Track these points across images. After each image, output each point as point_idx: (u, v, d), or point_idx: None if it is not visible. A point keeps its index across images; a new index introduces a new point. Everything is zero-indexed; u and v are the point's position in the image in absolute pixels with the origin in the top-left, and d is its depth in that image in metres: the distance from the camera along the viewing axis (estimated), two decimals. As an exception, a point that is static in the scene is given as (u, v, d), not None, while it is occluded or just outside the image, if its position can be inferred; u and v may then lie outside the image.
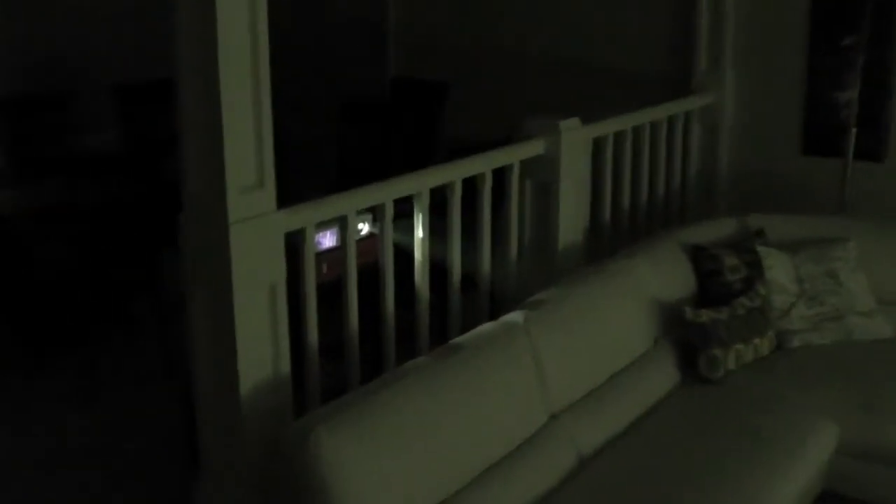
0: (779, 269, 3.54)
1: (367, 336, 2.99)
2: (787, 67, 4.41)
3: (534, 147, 3.55)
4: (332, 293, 2.87)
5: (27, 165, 4.88)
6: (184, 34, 2.39)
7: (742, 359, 3.28)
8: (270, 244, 2.50)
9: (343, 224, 2.85)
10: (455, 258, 3.28)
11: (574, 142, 3.62)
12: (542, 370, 2.79)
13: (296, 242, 2.68)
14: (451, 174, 3.21)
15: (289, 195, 2.65)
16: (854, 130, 4.15)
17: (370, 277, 3.01)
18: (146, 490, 3.35)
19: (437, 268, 3.22)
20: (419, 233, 3.10)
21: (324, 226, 3.04)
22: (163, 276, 3.85)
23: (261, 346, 2.51)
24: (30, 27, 5.58)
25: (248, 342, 2.47)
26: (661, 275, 3.40)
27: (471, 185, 3.30)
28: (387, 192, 2.96)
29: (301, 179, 4.82)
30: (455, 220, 3.24)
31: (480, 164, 3.31)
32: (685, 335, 3.27)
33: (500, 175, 3.44)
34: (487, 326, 2.87)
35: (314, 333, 2.76)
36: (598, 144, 3.90)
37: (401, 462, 2.31)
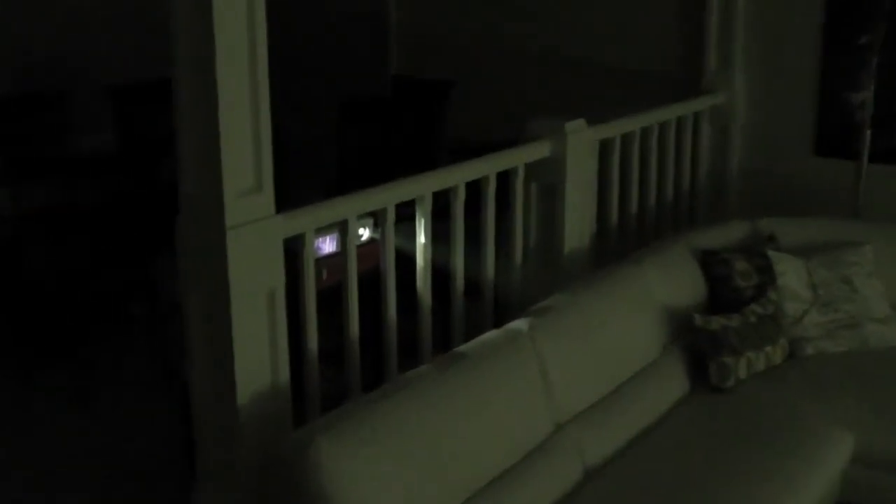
0: (791, 275, 3.53)
1: (368, 344, 2.99)
2: (800, 67, 4.41)
3: (539, 149, 3.55)
4: (332, 300, 2.88)
5: (23, 166, 4.87)
6: (181, 33, 2.39)
7: (753, 367, 3.27)
8: (269, 249, 2.51)
9: (343, 229, 2.85)
10: (458, 264, 3.28)
11: (580, 143, 3.63)
12: (548, 379, 2.80)
13: (295, 248, 2.68)
14: (455, 177, 3.21)
15: (288, 198, 2.65)
16: (869, 132, 4.15)
17: (371, 284, 3.01)
18: (143, 497, 3.36)
19: (440, 274, 3.22)
20: (421, 238, 3.10)
21: (323, 230, 3.05)
22: (160, 280, 3.86)
23: (259, 354, 2.52)
24: (26, 27, 5.60)
25: (246, 349, 2.48)
26: (670, 280, 3.40)
27: (474, 189, 3.30)
28: (388, 196, 2.96)
29: (300, 181, 4.83)
30: (458, 225, 3.24)
31: (484, 167, 3.32)
32: (695, 343, 3.27)
33: (505, 178, 3.45)
34: (491, 334, 2.87)
35: (314, 341, 2.76)
36: (605, 146, 3.90)
37: (403, 473, 2.32)
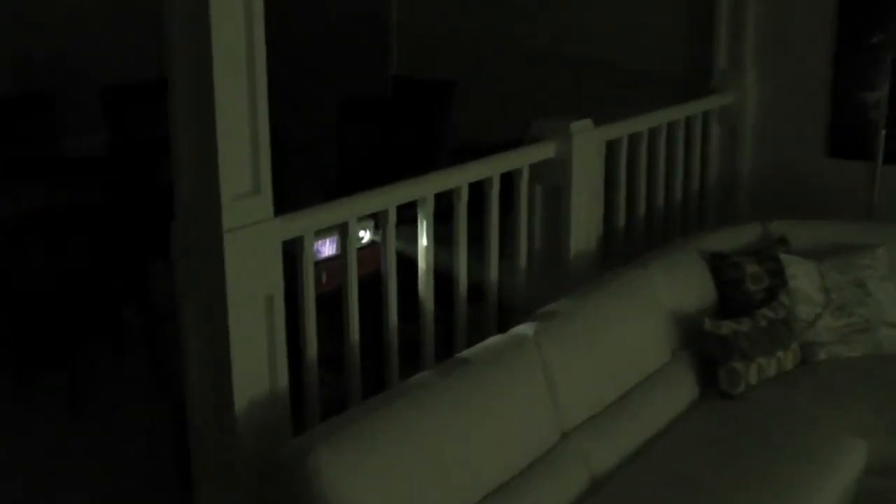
0: (803, 278, 3.54)
1: (369, 350, 3.00)
2: (812, 66, 4.42)
3: (544, 150, 3.56)
4: (332, 304, 2.88)
5: (16, 167, 4.88)
6: (176, 32, 2.40)
7: (765, 373, 3.28)
8: (267, 253, 2.52)
9: (343, 231, 2.86)
10: (461, 267, 3.29)
11: (586, 144, 3.63)
12: (553, 385, 2.80)
13: (294, 251, 2.69)
14: (457, 179, 3.22)
15: (286, 201, 2.66)
16: (884, 132, 4.15)
17: (372, 288, 3.02)
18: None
19: (443, 277, 3.23)
20: (423, 240, 3.11)
21: (323, 233, 3.06)
22: (154, 287, 3.86)
23: (257, 360, 2.53)
24: (21, 27, 5.62)
25: (244, 356, 2.48)
26: (679, 284, 3.41)
27: (477, 190, 3.31)
28: (389, 198, 2.97)
29: (299, 183, 4.84)
30: (461, 227, 3.25)
31: (488, 168, 3.33)
32: (704, 348, 3.28)
33: (509, 179, 3.45)
34: (495, 339, 2.88)
35: (313, 347, 2.77)
36: (612, 147, 3.91)
37: (404, 481, 2.32)
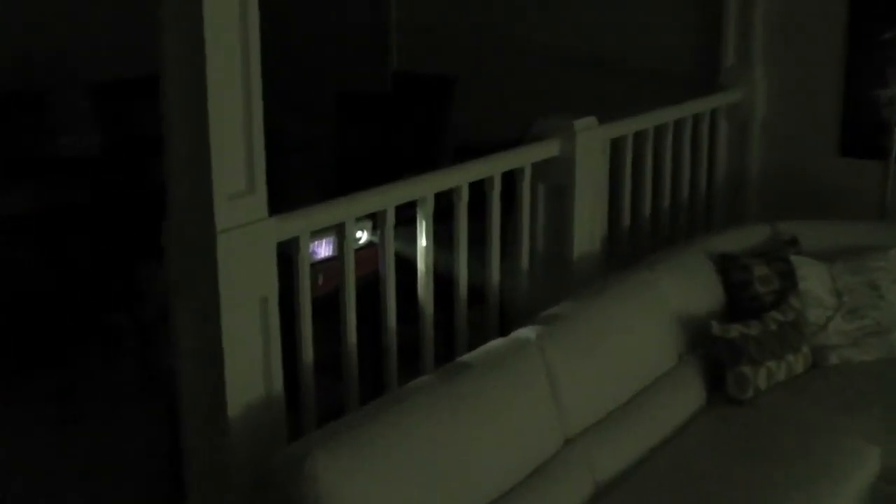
0: (814, 280, 3.54)
1: (367, 354, 3.00)
2: (823, 62, 4.42)
3: (547, 148, 3.56)
4: (329, 307, 2.88)
5: (3, 167, 4.89)
6: (169, 27, 2.40)
7: (774, 377, 3.28)
8: (261, 254, 2.52)
9: (340, 232, 2.86)
10: (461, 269, 3.29)
11: (590, 142, 3.64)
12: (557, 390, 2.80)
13: (289, 252, 2.69)
14: (458, 178, 3.22)
15: (284, 200, 2.66)
16: (897, 130, 4.16)
17: (370, 290, 3.02)
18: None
19: (443, 279, 3.23)
20: (423, 241, 3.11)
21: (319, 234, 3.06)
22: (145, 289, 3.87)
23: (251, 365, 2.53)
24: (8, 25, 5.61)
25: (238, 360, 2.48)
26: (686, 286, 3.41)
27: (478, 190, 3.31)
28: (388, 198, 2.97)
29: (295, 183, 4.84)
30: (461, 228, 3.25)
31: (489, 167, 3.33)
32: (712, 352, 3.27)
33: (511, 178, 3.45)
34: (497, 343, 2.88)
35: (309, 351, 2.77)
36: (617, 145, 3.91)
37: (403, 489, 2.32)
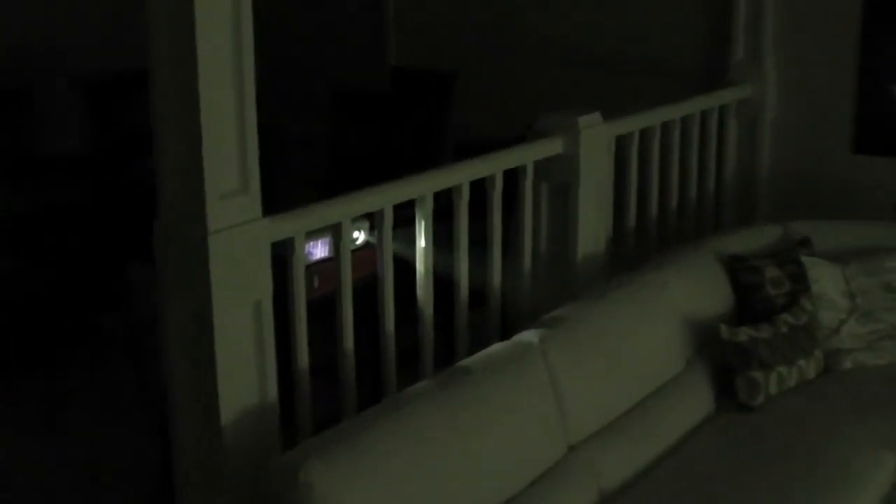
0: (827, 282, 3.54)
1: (365, 358, 3.00)
2: (837, 56, 4.42)
3: (550, 146, 3.56)
4: (325, 310, 2.89)
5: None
6: (159, 21, 2.41)
7: (785, 383, 3.28)
8: (255, 255, 2.52)
9: (336, 233, 2.86)
10: (462, 270, 3.29)
11: (595, 140, 3.64)
12: (560, 396, 2.80)
13: (284, 253, 2.69)
14: (458, 176, 3.22)
15: (280, 200, 2.66)
16: (912, 126, 4.17)
17: (367, 292, 3.02)
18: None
19: (442, 281, 3.23)
20: (422, 242, 3.12)
21: (315, 235, 3.06)
22: (135, 292, 3.87)
23: (245, 369, 2.53)
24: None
25: (231, 365, 2.49)
26: (694, 289, 3.41)
27: (479, 189, 3.32)
28: (385, 197, 2.97)
29: (290, 182, 4.85)
30: (462, 228, 3.25)
31: (490, 165, 3.33)
32: (721, 356, 3.28)
33: (513, 177, 3.46)
34: (498, 347, 2.88)
35: (304, 355, 2.77)
36: (622, 142, 3.91)
37: (402, 498, 2.32)
